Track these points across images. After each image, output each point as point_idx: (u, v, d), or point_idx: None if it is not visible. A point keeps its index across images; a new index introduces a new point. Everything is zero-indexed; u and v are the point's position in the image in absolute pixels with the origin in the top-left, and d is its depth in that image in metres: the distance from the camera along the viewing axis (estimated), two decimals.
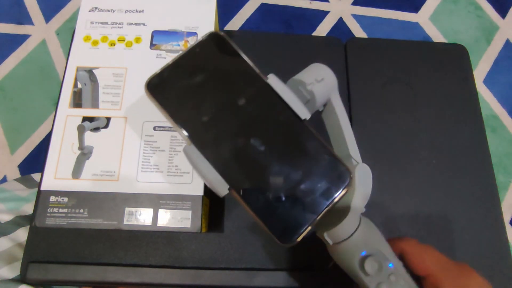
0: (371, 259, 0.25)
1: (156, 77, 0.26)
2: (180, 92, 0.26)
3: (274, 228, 0.24)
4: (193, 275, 0.36)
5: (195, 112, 0.26)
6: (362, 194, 0.28)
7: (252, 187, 0.25)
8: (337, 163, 0.26)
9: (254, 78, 0.27)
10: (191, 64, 0.27)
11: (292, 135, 0.26)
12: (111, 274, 0.35)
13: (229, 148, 0.25)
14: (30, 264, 0.35)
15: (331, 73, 0.31)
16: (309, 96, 0.29)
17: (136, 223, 0.33)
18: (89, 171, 0.35)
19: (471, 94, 0.46)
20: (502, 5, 0.96)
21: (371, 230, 0.27)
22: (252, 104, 0.26)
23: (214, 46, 0.27)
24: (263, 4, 0.93)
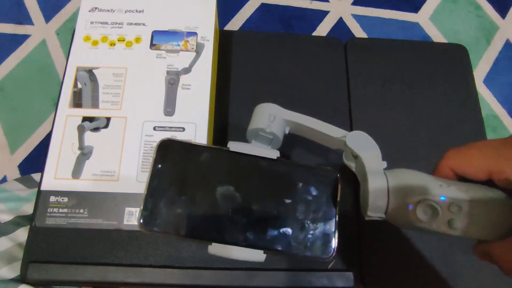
0: (420, 206, 0.23)
1: (144, 212, 0.27)
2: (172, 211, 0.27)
3: (314, 253, 0.27)
4: (193, 275, 0.36)
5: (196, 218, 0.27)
6: (368, 155, 0.28)
7: (277, 239, 0.27)
8: (321, 171, 0.29)
9: (221, 155, 0.29)
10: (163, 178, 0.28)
11: (278, 176, 0.29)
12: (111, 274, 0.35)
13: (241, 223, 0.27)
14: (30, 264, 0.35)
15: (276, 106, 0.32)
16: (271, 136, 0.32)
17: (136, 223, 0.33)
18: (89, 171, 0.35)
19: (471, 94, 0.46)
20: (502, 5, 0.96)
21: (403, 177, 0.25)
22: (234, 175, 0.28)
23: (170, 152, 0.28)
24: (263, 4, 0.93)
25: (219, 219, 0.27)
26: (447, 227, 0.22)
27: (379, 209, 0.25)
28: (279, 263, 0.37)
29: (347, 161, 0.32)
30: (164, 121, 0.36)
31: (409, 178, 0.25)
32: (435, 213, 0.22)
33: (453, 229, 0.22)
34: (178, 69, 0.38)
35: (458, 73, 0.47)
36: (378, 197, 0.25)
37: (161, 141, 0.28)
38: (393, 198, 0.24)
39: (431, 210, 0.22)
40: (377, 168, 0.27)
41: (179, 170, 0.28)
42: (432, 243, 0.39)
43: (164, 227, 0.27)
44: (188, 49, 0.39)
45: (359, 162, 0.29)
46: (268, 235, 0.27)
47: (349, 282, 0.36)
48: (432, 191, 0.23)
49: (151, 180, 0.27)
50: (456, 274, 0.38)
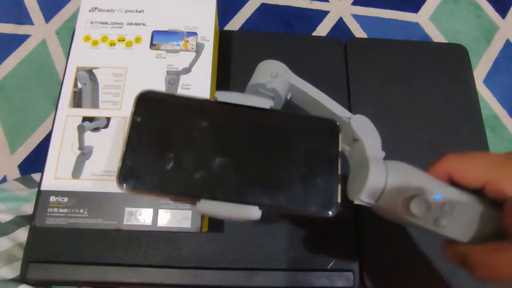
0: (415, 201, 0.23)
1: (123, 168, 0.24)
2: (154, 166, 0.24)
3: (315, 208, 0.24)
4: (193, 275, 0.36)
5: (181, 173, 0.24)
6: (370, 141, 0.28)
7: (274, 193, 0.24)
8: (319, 120, 0.26)
9: (207, 105, 0.26)
10: (144, 132, 0.25)
11: (270, 126, 0.26)
12: (111, 274, 0.35)
13: (232, 177, 0.25)
14: (30, 264, 0.35)
15: (281, 64, 0.31)
16: (272, 94, 0.30)
17: (136, 223, 0.33)
18: (89, 171, 0.35)
19: (471, 94, 0.46)
20: (502, 5, 0.96)
21: (403, 170, 0.26)
22: (222, 126, 0.26)
23: (151, 104, 0.26)
24: (263, 4, 0.93)
25: (207, 174, 0.24)
26: (434, 224, 0.23)
27: (373, 196, 0.25)
28: (279, 263, 0.37)
29: (342, 143, 0.31)
30: None
31: (408, 171, 0.25)
32: (428, 209, 0.23)
33: (439, 226, 0.23)
34: (178, 69, 0.38)
35: (458, 73, 0.47)
36: (376, 183, 0.25)
37: (140, 93, 0.25)
38: (389, 187, 0.24)
39: (425, 206, 0.23)
40: (378, 155, 0.27)
41: (161, 123, 0.25)
42: (432, 243, 0.39)
43: (146, 184, 0.24)
44: (188, 49, 0.39)
45: (358, 146, 0.28)
46: (263, 189, 0.24)
47: (349, 282, 0.36)
48: (429, 187, 0.24)
49: (130, 134, 0.25)
50: (456, 274, 0.38)
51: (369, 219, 0.40)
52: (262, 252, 0.38)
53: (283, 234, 0.38)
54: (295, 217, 0.37)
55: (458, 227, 0.23)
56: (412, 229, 0.40)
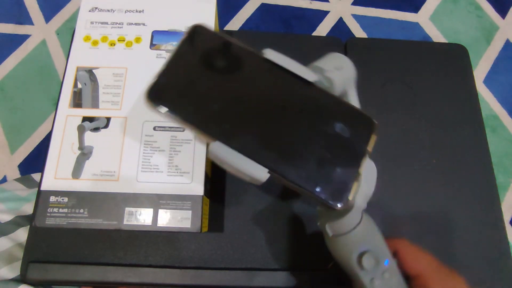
0: (369, 254, 0.25)
1: (155, 85, 0.25)
2: (184, 93, 0.25)
3: (324, 194, 0.24)
4: (193, 275, 0.36)
5: (207, 108, 0.25)
6: (365, 191, 0.28)
7: (289, 163, 0.24)
8: (358, 113, 0.26)
9: (252, 58, 0.26)
10: (186, 61, 0.26)
11: (308, 100, 0.26)
12: (111, 274, 0.35)
13: (254, 133, 0.24)
14: (30, 264, 0.35)
15: (351, 63, 0.30)
16: (327, 83, 0.28)
17: (136, 223, 0.33)
18: (89, 171, 0.35)
19: (471, 94, 0.46)
20: (502, 5, 0.96)
21: (371, 227, 0.27)
22: (260, 83, 0.25)
23: (201, 38, 0.26)
24: (263, 4, 0.93)
25: (232, 120, 0.24)
26: (370, 282, 0.25)
27: (337, 231, 0.27)
28: (279, 263, 0.37)
29: None
30: (164, 121, 0.36)
31: (375, 231, 0.27)
32: (374, 267, 0.25)
33: (373, 286, 0.25)
34: None
35: (458, 73, 0.47)
36: (347, 224, 0.26)
37: (194, 26, 0.26)
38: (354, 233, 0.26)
39: (374, 263, 0.25)
40: (362, 204, 0.28)
41: (204, 58, 0.25)
42: (431, 243, 0.39)
43: (172, 106, 0.24)
44: None
45: None
46: (280, 156, 0.24)
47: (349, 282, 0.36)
48: (384, 252, 0.26)
49: (173, 57, 0.25)
50: None
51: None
52: (262, 252, 0.38)
53: (283, 234, 0.38)
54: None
55: None
56: (411, 230, 0.40)
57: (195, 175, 0.35)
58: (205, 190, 0.35)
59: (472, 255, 0.39)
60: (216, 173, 0.40)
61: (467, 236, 0.40)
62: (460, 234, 0.40)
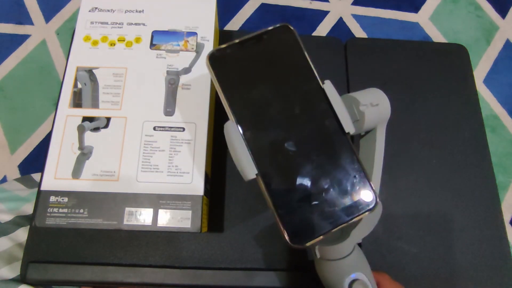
0: (359, 283, 0.27)
1: (220, 50, 0.27)
2: (238, 71, 0.27)
3: (288, 227, 0.24)
4: (193, 275, 0.36)
5: (246, 93, 0.26)
6: (366, 227, 0.30)
7: (279, 180, 0.25)
8: (367, 185, 0.26)
9: (311, 79, 0.27)
10: (255, 48, 0.27)
11: (331, 144, 0.26)
12: (111, 274, 0.35)
13: (268, 137, 0.26)
14: (30, 264, 0.35)
15: (388, 102, 0.30)
16: (359, 117, 0.29)
17: (136, 223, 0.33)
18: (89, 171, 0.35)
19: (471, 94, 0.46)
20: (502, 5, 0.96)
21: (362, 258, 0.29)
22: (302, 103, 0.27)
23: (282, 37, 0.28)
24: (263, 4, 0.93)
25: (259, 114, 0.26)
26: None
27: (326, 256, 0.28)
28: (279, 263, 0.37)
29: None
30: (164, 121, 0.36)
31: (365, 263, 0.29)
32: None
33: None
34: (178, 69, 0.38)
35: (458, 73, 0.47)
36: (339, 252, 0.28)
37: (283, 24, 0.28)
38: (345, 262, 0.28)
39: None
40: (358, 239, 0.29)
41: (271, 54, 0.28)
42: (432, 243, 0.39)
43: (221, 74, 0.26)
44: (188, 49, 0.39)
45: None
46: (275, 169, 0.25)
47: None
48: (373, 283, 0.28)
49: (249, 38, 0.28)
50: (455, 274, 0.38)
51: None
52: (262, 252, 0.38)
53: None
54: None
55: None
56: (411, 230, 0.40)
57: (195, 175, 0.35)
58: (205, 190, 0.35)
59: (472, 255, 0.39)
60: (216, 173, 0.41)
61: (467, 236, 0.40)
62: (460, 234, 0.40)
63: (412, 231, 0.39)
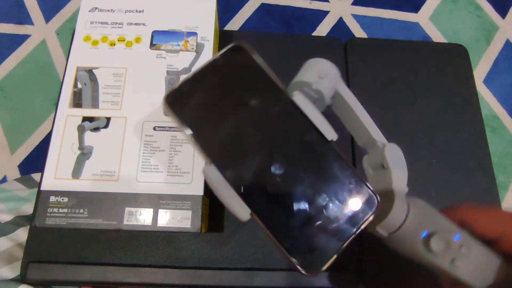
0: (436, 237, 0.23)
1: (176, 91, 0.25)
2: (200, 108, 0.25)
3: (299, 258, 0.23)
4: (193, 275, 0.36)
5: (216, 130, 0.24)
6: (399, 174, 0.27)
7: (275, 212, 0.24)
8: (364, 188, 0.25)
9: (278, 96, 0.26)
10: (213, 77, 0.25)
11: (318, 157, 0.25)
12: (111, 274, 0.35)
13: (252, 170, 0.24)
14: (30, 264, 0.35)
15: (332, 65, 0.29)
16: (316, 95, 0.28)
17: (136, 223, 0.33)
18: (89, 171, 0.35)
19: (471, 94, 0.46)
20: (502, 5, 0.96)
21: (423, 208, 0.25)
22: (277, 123, 0.25)
23: (236, 58, 0.26)
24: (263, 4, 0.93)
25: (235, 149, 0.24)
26: (449, 264, 0.23)
27: (389, 229, 0.25)
28: (279, 263, 0.37)
29: (366, 165, 0.30)
30: (164, 121, 0.36)
31: (428, 209, 0.25)
32: (447, 248, 0.23)
33: (454, 267, 0.23)
34: (178, 69, 0.38)
35: (458, 73, 0.47)
36: (396, 217, 0.24)
37: (235, 44, 0.26)
38: (409, 222, 0.24)
39: (444, 244, 0.23)
40: (403, 189, 0.26)
41: (231, 79, 0.25)
42: None
43: (184, 116, 0.24)
44: (188, 49, 0.39)
45: (384, 174, 0.27)
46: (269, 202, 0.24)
47: (349, 282, 0.36)
48: (450, 227, 0.24)
49: (202, 69, 0.25)
50: None
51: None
52: (262, 252, 0.38)
53: None
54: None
55: (472, 271, 0.24)
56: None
57: (195, 175, 0.35)
58: (205, 190, 0.35)
59: None
60: None
61: None
62: None
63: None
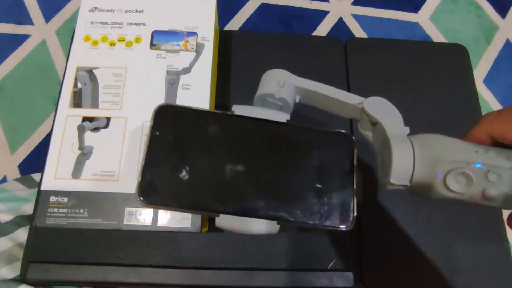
0: (452, 175, 0.21)
1: (142, 183, 0.24)
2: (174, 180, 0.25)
3: (333, 223, 0.25)
4: (193, 275, 0.36)
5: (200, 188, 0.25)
6: (389, 120, 0.26)
7: (291, 208, 0.25)
8: (334, 134, 0.27)
9: (225, 120, 0.27)
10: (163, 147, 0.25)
11: (288, 140, 0.27)
12: (111, 274, 0.35)
13: (251, 192, 0.25)
14: (30, 264, 0.35)
15: (285, 71, 0.30)
16: (281, 103, 0.30)
17: (136, 223, 0.33)
18: (89, 171, 0.35)
19: (471, 94, 0.46)
20: (502, 5, 0.96)
21: (432, 143, 0.23)
22: (240, 141, 0.26)
23: (168, 118, 0.26)
24: (263, 4, 0.93)
25: (226, 188, 0.25)
26: (482, 197, 0.20)
27: (404, 177, 0.23)
28: (279, 263, 0.37)
29: (363, 131, 0.30)
30: None
31: (439, 143, 0.23)
32: (469, 183, 0.20)
33: (489, 199, 0.20)
34: (178, 69, 0.38)
35: (458, 73, 0.47)
36: (402, 162, 0.22)
37: (159, 107, 0.26)
38: (420, 164, 0.22)
39: (465, 179, 0.20)
40: (400, 133, 0.25)
41: (179, 137, 0.26)
42: (432, 243, 0.39)
43: (165, 199, 0.24)
44: (188, 49, 0.39)
45: (378, 129, 0.27)
46: (281, 204, 0.25)
47: (349, 282, 0.36)
48: (466, 157, 0.21)
49: (149, 149, 0.25)
50: (456, 273, 0.38)
51: (369, 219, 0.40)
52: (262, 252, 0.38)
53: (283, 234, 0.38)
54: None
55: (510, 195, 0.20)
56: (411, 230, 0.40)
57: None
58: None
59: (472, 255, 0.39)
60: None
61: (467, 236, 0.40)
62: (460, 234, 0.40)
63: (412, 231, 0.39)
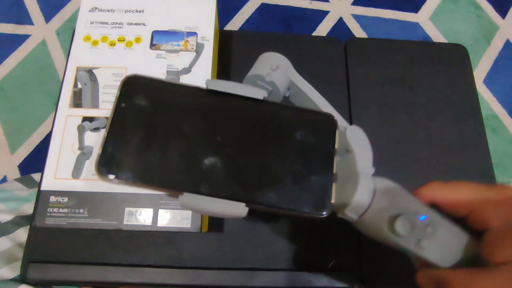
0: (400, 219, 0.23)
1: (103, 155, 0.23)
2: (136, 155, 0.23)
3: (308, 208, 0.23)
4: (193, 275, 0.36)
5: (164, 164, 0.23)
6: (362, 155, 0.27)
7: (263, 190, 0.23)
8: (316, 114, 0.25)
9: (197, 94, 0.25)
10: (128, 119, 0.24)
11: (264, 119, 0.25)
12: (111, 274, 0.35)
13: (220, 171, 0.23)
14: (30, 264, 0.35)
15: (283, 57, 0.29)
16: (270, 87, 0.28)
17: (136, 223, 0.33)
18: (89, 171, 0.35)
19: (471, 94, 0.46)
20: (502, 5, 0.96)
21: (390, 189, 0.25)
22: (212, 117, 0.24)
23: (137, 89, 0.24)
24: (263, 4, 0.93)
25: (192, 166, 0.23)
26: (415, 245, 0.23)
27: (358, 211, 0.24)
28: (279, 263, 0.37)
29: None
30: None
31: (395, 190, 0.25)
32: (412, 229, 0.23)
33: (420, 248, 0.23)
34: (178, 69, 0.38)
35: (458, 73, 0.47)
36: (362, 199, 0.24)
37: (127, 77, 0.24)
38: (375, 204, 0.24)
39: (409, 225, 0.23)
40: (367, 171, 0.26)
41: (147, 110, 0.24)
42: None
43: (127, 174, 0.22)
44: (188, 49, 0.39)
45: (349, 158, 0.27)
46: (251, 185, 0.23)
47: (349, 282, 0.36)
48: (415, 208, 0.24)
49: (113, 120, 0.23)
50: None
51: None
52: (262, 252, 0.38)
53: (283, 234, 0.38)
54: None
55: (439, 250, 0.23)
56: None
57: None
58: None
59: None
60: None
61: None
62: None
63: None
